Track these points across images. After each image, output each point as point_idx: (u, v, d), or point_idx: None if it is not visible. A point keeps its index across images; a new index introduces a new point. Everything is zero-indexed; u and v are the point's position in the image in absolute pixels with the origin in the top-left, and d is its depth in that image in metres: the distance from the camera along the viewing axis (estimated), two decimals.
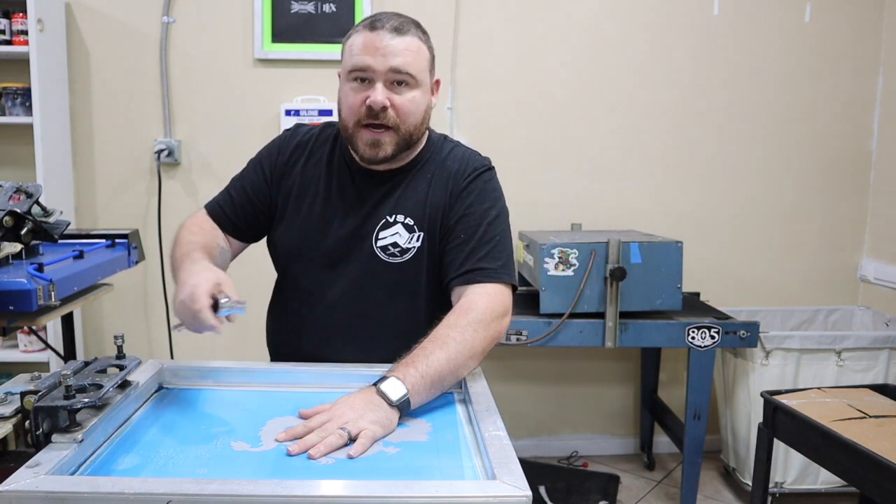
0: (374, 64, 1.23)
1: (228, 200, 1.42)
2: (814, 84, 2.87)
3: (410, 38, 1.25)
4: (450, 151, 1.38)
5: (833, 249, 2.97)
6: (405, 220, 1.31)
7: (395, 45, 1.23)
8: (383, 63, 1.22)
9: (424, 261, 1.32)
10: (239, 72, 2.71)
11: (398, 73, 1.23)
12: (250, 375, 1.21)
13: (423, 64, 1.27)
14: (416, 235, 1.31)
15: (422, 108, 1.29)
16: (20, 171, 2.58)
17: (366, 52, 1.23)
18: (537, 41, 2.78)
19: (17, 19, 2.43)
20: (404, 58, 1.23)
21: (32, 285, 1.34)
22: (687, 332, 2.26)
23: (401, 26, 1.25)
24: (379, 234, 1.31)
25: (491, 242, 1.29)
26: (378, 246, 1.31)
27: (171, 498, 0.74)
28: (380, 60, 1.22)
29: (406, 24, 1.26)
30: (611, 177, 2.86)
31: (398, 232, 1.31)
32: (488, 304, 1.21)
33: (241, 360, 1.22)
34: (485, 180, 1.34)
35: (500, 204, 1.35)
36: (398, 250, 1.31)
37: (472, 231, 1.29)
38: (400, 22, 1.26)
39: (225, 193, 1.44)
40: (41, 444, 0.85)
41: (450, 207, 1.32)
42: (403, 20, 1.27)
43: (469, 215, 1.30)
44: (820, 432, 1.58)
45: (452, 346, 1.12)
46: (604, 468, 2.80)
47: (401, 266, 1.31)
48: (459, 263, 1.28)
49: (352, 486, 0.80)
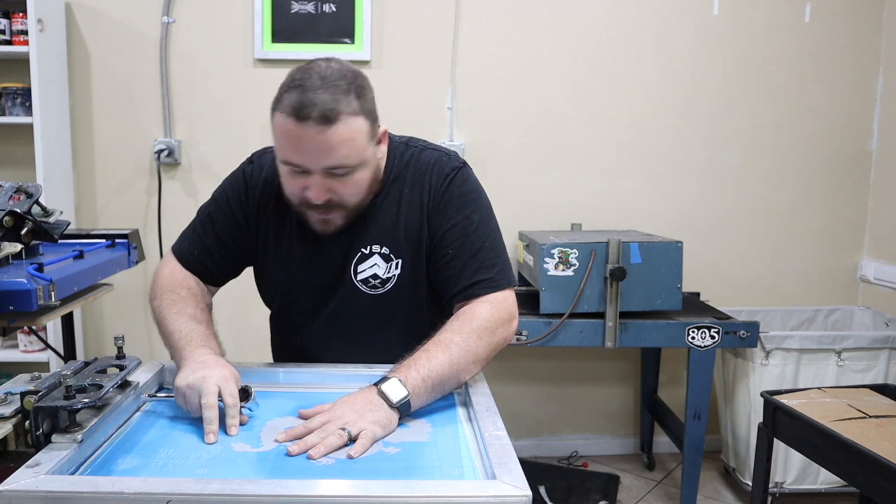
0: (305, 163, 1.12)
1: (204, 250, 1.31)
2: (814, 84, 2.87)
3: (342, 124, 1.08)
4: (415, 159, 1.28)
5: (833, 249, 2.97)
6: (381, 249, 1.26)
7: (325, 140, 1.08)
8: (316, 163, 1.11)
9: (406, 286, 1.28)
10: (239, 72, 2.71)
11: (333, 169, 1.12)
12: (250, 375, 1.21)
13: (361, 144, 1.13)
14: (394, 263, 1.27)
15: (366, 181, 1.19)
16: (20, 171, 2.58)
17: (295, 148, 1.10)
18: (537, 41, 2.78)
19: (17, 19, 2.42)
20: (338, 152, 1.10)
21: (32, 285, 1.34)
22: (687, 332, 2.26)
23: (330, 112, 1.07)
24: (357, 267, 1.27)
25: (482, 251, 1.23)
26: (358, 280, 1.27)
27: (172, 498, 0.74)
28: (311, 160, 1.11)
29: (335, 99, 1.08)
30: (611, 177, 2.86)
31: (376, 263, 1.27)
32: (493, 312, 1.19)
33: (241, 360, 1.22)
34: (459, 184, 1.26)
35: (481, 204, 1.28)
36: (378, 281, 1.27)
37: (460, 244, 1.23)
38: (329, 100, 1.07)
39: (196, 240, 1.32)
40: (41, 445, 0.85)
41: (429, 223, 1.26)
42: (331, 97, 1.08)
43: (452, 228, 1.24)
44: (820, 432, 1.58)
45: (455, 351, 1.10)
46: (604, 468, 2.80)
47: (383, 296, 1.28)
48: (454, 281, 1.23)
49: (352, 486, 0.80)
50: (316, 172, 1.12)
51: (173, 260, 1.33)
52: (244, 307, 2.76)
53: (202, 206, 1.36)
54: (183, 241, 1.35)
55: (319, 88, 1.08)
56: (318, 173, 1.13)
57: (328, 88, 1.08)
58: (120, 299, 2.73)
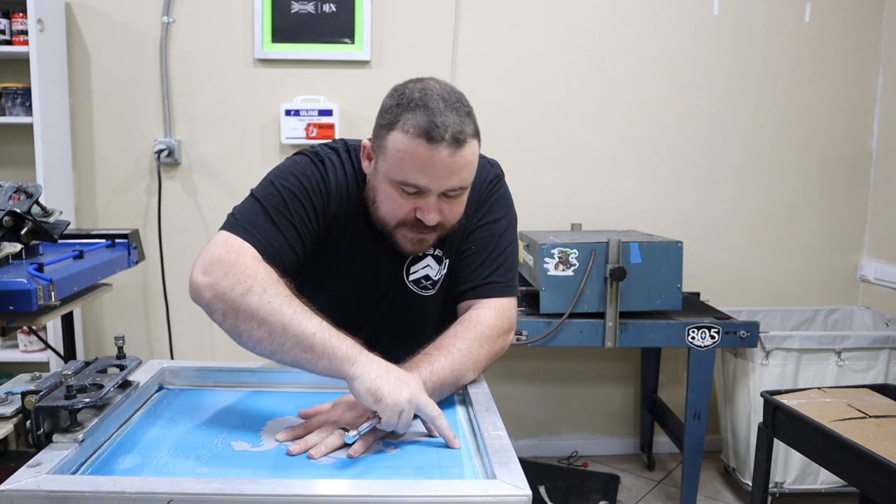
0: (430, 185, 1.09)
1: (284, 243, 1.14)
2: (814, 84, 2.87)
3: (469, 147, 1.09)
4: None
5: (833, 249, 2.97)
6: (434, 251, 1.27)
7: (454, 162, 1.07)
8: (440, 185, 1.09)
9: (446, 286, 1.30)
10: (239, 72, 2.71)
11: (454, 190, 1.12)
12: (250, 375, 1.21)
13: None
14: (444, 265, 1.29)
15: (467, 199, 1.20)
16: (20, 171, 2.58)
17: (423, 171, 1.08)
18: (537, 41, 2.78)
19: (17, 19, 2.42)
20: (462, 174, 1.10)
21: (32, 285, 1.34)
22: (687, 332, 2.26)
23: (460, 133, 1.07)
24: (410, 268, 1.28)
25: (503, 255, 1.27)
26: (410, 280, 1.28)
27: (173, 497, 0.74)
28: (437, 182, 1.09)
29: (462, 123, 1.08)
30: (611, 177, 2.87)
31: (429, 265, 1.28)
32: (495, 321, 1.20)
33: (241, 360, 1.22)
34: (497, 190, 1.31)
35: (511, 212, 1.33)
36: (430, 283, 1.28)
37: (485, 243, 1.27)
38: (459, 122, 1.07)
39: (273, 230, 1.13)
40: (42, 444, 0.85)
41: (467, 223, 1.28)
42: (459, 119, 1.07)
43: (482, 227, 1.28)
44: (820, 432, 1.58)
45: (457, 356, 1.11)
46: (604, 468, 2.80)
47: (432, 297, 1.29)
48: (470, 276, 1.26)
49: (352, 485, 0.80)
50: (433, 194, 1.11)
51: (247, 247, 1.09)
52: None
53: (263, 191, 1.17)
54: (255, 229, 1.12)
55: (446, 110, 1.07)
56: (434, 195, 1.11)
57: (452, 110, 1.08)
58: (120, 299, 2.73)
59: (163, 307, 2.70)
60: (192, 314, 2.83)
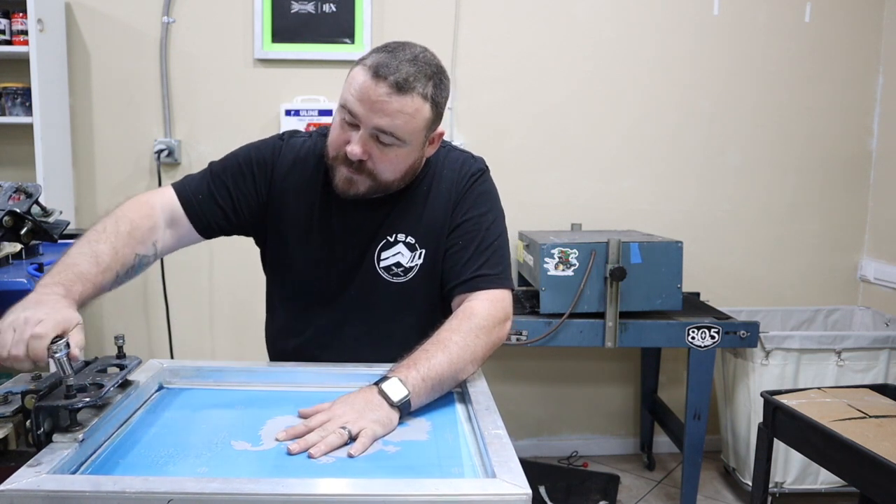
0: (361, 114, 1.15)
1: (208, 195, 1.28)
2: (814, 84, 2.87)
3: (411, 98, 1.14)
4: (444, 158, 1.34)
5: (833, 249, 2.97)
6: (406, 238, 1.29)
7: (389, 102, 1.13)
8: (369, 118, 1.14)
9: (425, 277, 1.31)
10: (239, 72, 2.71)
11: (382, 132, 1.15)
12: (250, 375, 1.21)
13: (417, 125, 1.17)
14: (417, 253, 1.30)
15: (405, 163, 1.23)
16: (20, 171, 2.58)
17: (359, 98, 1.14)
18: (537, 41, 2.78)
19: (17, 19, 2.43)
20: (393, 120, 1.14)
21: (32, 285, 1.34)
22: (687, 332, 2.26)
23: (405, 82, 1.13)
24: (380, 254, 1.30)
25: (490, 248, 1.28)
26: (381, 267, 1.30)
27: (173, 497, 0.74)
28: (367, 114, 1.14)
29: (415, 77, 1.14)
30: (611, 177, 2.87)
31: (400, 251, 1.29)
32: (490, 311, 1.21)
33: (241, 360, 1.22)
34: (481, 184, 1.33)
35: (497, 206, 1.34)
36: (401, 270, 1.30)
37: (471, 237, 1.28)
38: (408, 74, 1.14)
39: (203, 184, 1.30)
40: (42, 444, 0.85)
41: (450, 217, 1.30)
42: (414, 72, 1.14)
43: (467, 221, 1.29)
44: (820, 432, 1.58)
45: (454, 350, 1.11)
46: (604, 468, 2.80)
47: (405, 285, 1.30)
48: (459, 271, 1.27)
49: (352, 484, 0.80)
50: (365, 130, 1.16)
51: (159, 192, 1.28)
52: (245, 308, 2.76)
53: (213, 162, 1.35)
54: (189, 181, 1.31)
55: (405, 62, 1.15)
56: (366, 131, 1.16)
57: (412, 65, 1.15)
58: (120, 299, 2.73)
59: (163, 307, 2.70)
60: (192, 314, 2.85)
